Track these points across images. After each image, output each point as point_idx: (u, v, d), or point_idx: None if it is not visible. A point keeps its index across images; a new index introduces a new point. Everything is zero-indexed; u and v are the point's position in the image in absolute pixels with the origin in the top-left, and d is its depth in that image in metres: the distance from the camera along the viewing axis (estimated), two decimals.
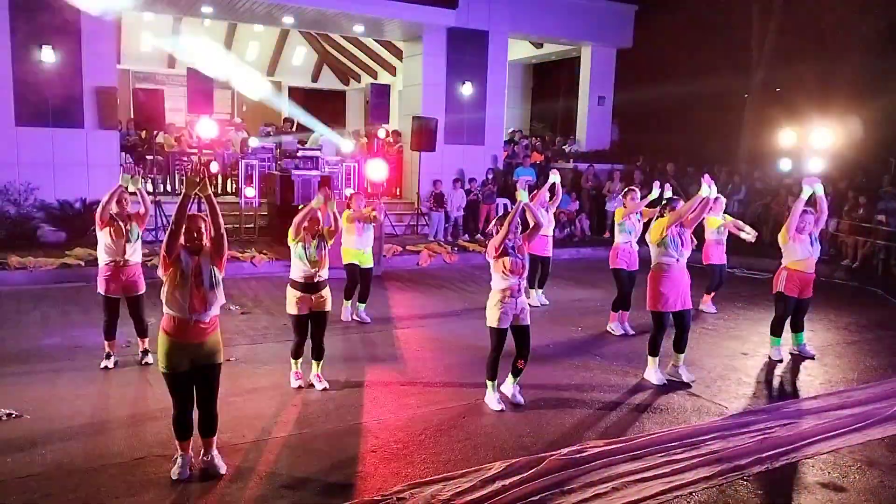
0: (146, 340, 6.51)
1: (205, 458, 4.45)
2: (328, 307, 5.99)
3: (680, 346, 6.47)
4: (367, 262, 8.14)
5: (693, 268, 6.63)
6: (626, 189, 8.32)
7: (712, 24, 18.63)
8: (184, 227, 4.25)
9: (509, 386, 5.87)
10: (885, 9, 16.30)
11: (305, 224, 5.84)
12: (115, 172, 12.62)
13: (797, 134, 11.90)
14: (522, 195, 5.61)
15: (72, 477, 4.32)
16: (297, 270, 5.87)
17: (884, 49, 16.86)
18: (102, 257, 6.31)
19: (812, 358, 7.33)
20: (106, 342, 6.35)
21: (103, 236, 6.26)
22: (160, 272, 4.30)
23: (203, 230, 4.37)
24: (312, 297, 5.86)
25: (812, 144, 11.47)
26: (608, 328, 8.18)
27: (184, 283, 4.24)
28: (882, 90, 15.90)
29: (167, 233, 4.26)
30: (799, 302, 7.22)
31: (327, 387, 5.94)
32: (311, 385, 5.99)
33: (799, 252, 7.05)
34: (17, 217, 11.64)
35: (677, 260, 6.24)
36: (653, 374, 6.42)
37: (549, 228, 9.18)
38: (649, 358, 6.47)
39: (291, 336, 6.03)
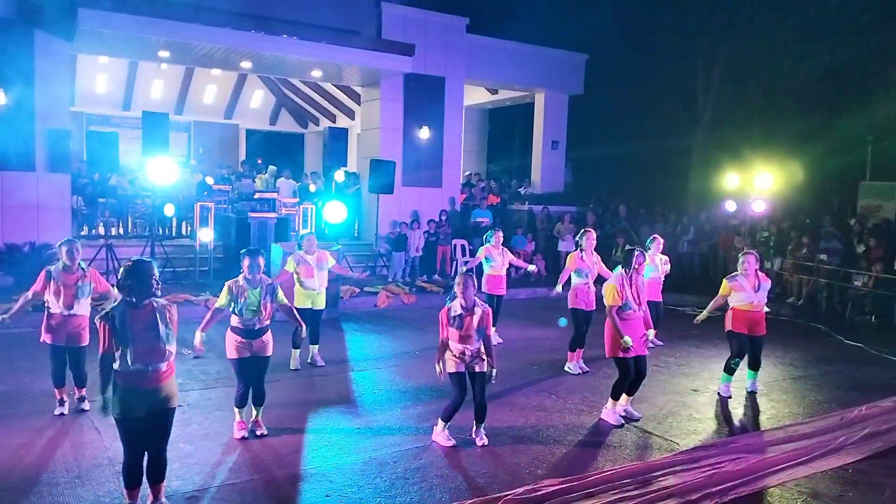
0: (84, 389, 6.37)
1: None
2: (269, 352, 5.86)
3: (633, 390, 6.59)
4: (320, 303, 8.09)
5: None
6: (582, 231, 8.44)
7: (660, 72, 19.41)
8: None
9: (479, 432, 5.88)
10: (819, 61, 17.22)
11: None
12: (66, 215, 12.46)
13: (741, 177, 12.39)
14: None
15: None
16: (236, 318, 5.77)
17: (820, 98, 17.76)
18: (47, 307, 6.19)
19: (754, 393, 7.51)
20: (56, 389, 6.21)
21: (46, 292, 6.15)
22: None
23: (156, 278, 4.27)
24: (253, 343, 5.73)
25: (755, 187, 11.99)
26: (566, 368, 8.26)
27: (126, 345, 4.14)
28: (821, 135, 16.70)
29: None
30: (751, 339, 7.38)
31: (265, 433, 5.80)
32: (253, 432, 5.82)
33: (740, 298, 7.26)
34: None
35: (635, 311, 6.39)
36: (611, 414, 6.49)
37: (502, 269, 9.42)
38: (610, 400, 6.53)
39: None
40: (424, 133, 15.70)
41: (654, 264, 9.25)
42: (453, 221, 15.56)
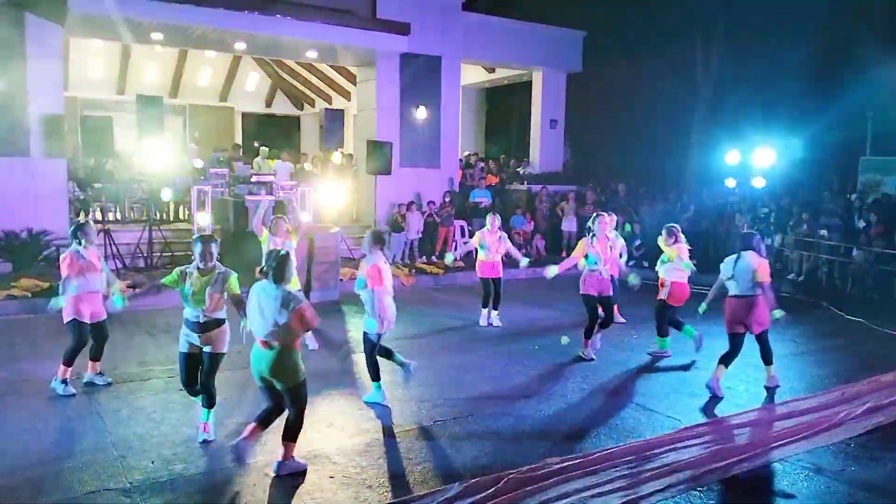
0: (98, 364, 6.51)
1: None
2: (221, 349, 5.34)
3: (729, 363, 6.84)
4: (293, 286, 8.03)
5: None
6: (594, 215, 7.97)
7: (658, 49, 19.25)
8: None
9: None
10: (819, 38, 17.09)
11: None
12: (63, 201, 12.40)
13: (741, 154, 12.32)
14: None
15: None
16: (186, 309, 5.32)
17: (820, 75, 17.65)
18: (74, 287, 6.24)
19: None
20: (67, 367, 6.28)
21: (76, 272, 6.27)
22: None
23: None
24: (200, 336, 5.24)
25: (755, 164, 11.94)
26: (580, 354, 7.89)
27: None
28: (822, 111, 16.60)
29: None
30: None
31: (212, 438, 5.29)
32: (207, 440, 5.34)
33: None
34: None
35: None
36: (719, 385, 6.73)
37: (496, 255, 9.35)
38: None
39: (246, 364, 5.80)
40: (421, 113, 15.59)
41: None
42: (454, 202, 15.50)
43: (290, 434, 4.85)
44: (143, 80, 19.54)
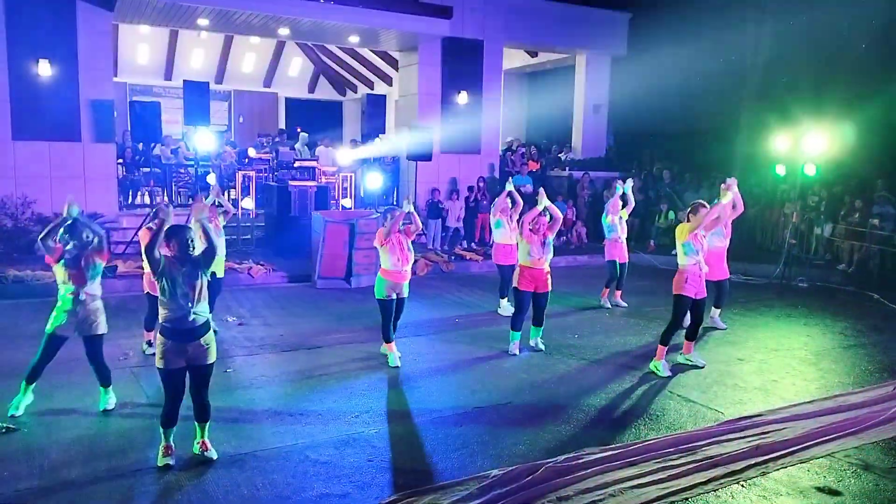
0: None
1: None
2: (211, 358, 4.71)
3: None
4: (220, 272, 7.84)
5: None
6: (696, 203, 7.10)
7: (706, 31, 18.74)
8: None
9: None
10: (874, 18, 16.45)
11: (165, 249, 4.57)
12: (112, 184, 12.72)
13: (791, 140, 11.95)
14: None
15: (68, 489, 4.33)
16: (166, 312, 4.56)
17: (875, 56, 17.00)
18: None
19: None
20: (150, 332, 7.01)
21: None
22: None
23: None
24: (189, 348, 4.59)
25: (806, 149, 11.57)
26: (655, 370, 6.87)
27: None
28: (875, 96, 16.00)
29: None
30: (534, 296, 7.42)
31: (215, 457, 4.78)
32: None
33: (528, 251, 7.32)
34: (15, 230, 11.65)
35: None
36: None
37: (511, 237, 8.87)
38: None
39: (288, 348, 5.92)
40: (463, 98, 15.51)
41: (613, 224, 9.42)
42: (492, 188, 15.42)
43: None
44: (189, 66, 19.87)
